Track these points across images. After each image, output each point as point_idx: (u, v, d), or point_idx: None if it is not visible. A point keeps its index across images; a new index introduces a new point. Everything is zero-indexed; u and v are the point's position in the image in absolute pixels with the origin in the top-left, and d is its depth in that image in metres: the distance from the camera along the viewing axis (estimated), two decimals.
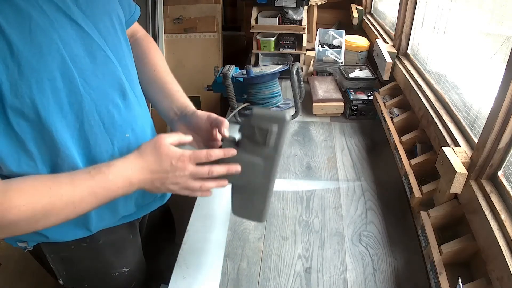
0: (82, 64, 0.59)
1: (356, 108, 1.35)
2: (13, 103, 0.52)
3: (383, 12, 1.74)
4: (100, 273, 0.82)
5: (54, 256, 0.77)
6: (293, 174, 1.10)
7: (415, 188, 0.87)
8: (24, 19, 0.51)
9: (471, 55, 0.91)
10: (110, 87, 0.65)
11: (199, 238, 0.88)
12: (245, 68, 1.30)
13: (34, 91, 0.53)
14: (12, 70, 0.50)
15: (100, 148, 0.66)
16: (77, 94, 0.59)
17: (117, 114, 0.67)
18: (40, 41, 0.53)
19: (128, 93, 0.69)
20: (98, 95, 0.63)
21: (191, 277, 0.78)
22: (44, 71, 0.54)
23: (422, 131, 1.03)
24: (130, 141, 0.71)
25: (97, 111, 0.63)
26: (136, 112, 0.72)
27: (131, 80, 0.72)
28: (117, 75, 0.66)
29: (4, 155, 0.56)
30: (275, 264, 0.82)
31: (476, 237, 0.68)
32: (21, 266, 1.58)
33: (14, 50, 0.50)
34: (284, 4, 1.70)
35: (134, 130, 0.72)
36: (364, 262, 0.82)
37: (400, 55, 1.32)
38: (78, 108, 0.60)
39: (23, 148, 0.57)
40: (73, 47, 0.58)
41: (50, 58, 0.54)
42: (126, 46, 0.72)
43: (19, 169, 0.58)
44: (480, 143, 0.71)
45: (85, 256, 0.78)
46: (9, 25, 0.49)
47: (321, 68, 1.61)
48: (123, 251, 0.84)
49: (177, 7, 2.09)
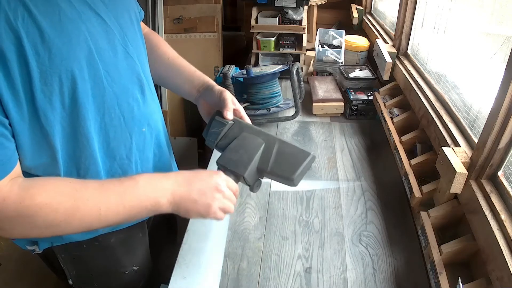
0: (106, 57, 0.60)
1: (356, 108, 1.35)
2: (42, 90, 0.52)
3: (383, 12, 1.74)
4: (110, 272, 0.83)
5: (65, 256, 0.77)
6: None
7: (415, 188, 0.87)
8: (54, 9, 0.52)
9: (471, 55, 0.91)
10: (130, 81, 0.67)
11: (199, 238, 0.88)
12: (245, 68, 1.30)
13: (63, 79, 0.54)
14: (42, 57, 0.51)
15: (119, 141, 0.67)
16: (100, 86, 0.60)
17: (136, 108, 0.68)
18: (69, 30, 0.54)
19: (146, 88, 0.71)
20: (120, 89, 0.64)
21: (191, 277, 0.78)
22: (73, 60, 0.54)
23: (422, 131, 1.03)
24: (146, 136, 0.73)
25: (118, 104, 0.64)
26: (152, 107, 0.74)
27: (147, 76, 0.74)
28: (136, 70, 0.68)
29: (27, 147, 0.56)
30: (275, 264, 0.82)
31: (476, 237, 0.68)
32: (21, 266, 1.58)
33: (45, 37, 0.51)
34: (284, 4, 1.70)
35: (150, 125, 0.74)
36: (364, 262, 0.82)
37: (400, 55, 1.32)
38: (100, 100, 0.61)
39: (47, 141, 0.57)
40: (99, 40, 0.59)
41: (79, 48, 0.55)
42: (142, 43, 0.74)
43: (39, 161, 0.58)
44: (480, 143, 0.71)
45: (96, 255, 0.78)
46: (40, 13, 0.50)
47: (321, 68, 1.61)
48: (133, 250, 0.85)
49: (177, 7, 2.09)
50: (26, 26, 0.49)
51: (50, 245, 0.74)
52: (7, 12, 0.47)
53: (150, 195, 0.59)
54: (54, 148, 0.58)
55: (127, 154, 0.69)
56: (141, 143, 0.72)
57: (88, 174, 0.64)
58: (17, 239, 0.74)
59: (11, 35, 0.48)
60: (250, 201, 0.99)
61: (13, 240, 0.74)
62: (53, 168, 0.60)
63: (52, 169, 0.60)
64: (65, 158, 0.61)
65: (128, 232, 0.81)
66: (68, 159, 0.61)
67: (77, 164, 0.63)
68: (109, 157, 0.67)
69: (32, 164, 0.58)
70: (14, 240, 0.74)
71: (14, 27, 0.48)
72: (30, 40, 0.49)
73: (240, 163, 0.67)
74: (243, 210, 0.96)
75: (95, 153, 0.63)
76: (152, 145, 0.77)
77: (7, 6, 0.47)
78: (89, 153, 0.62)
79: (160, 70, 0.84)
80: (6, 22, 0.47)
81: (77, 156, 0.62)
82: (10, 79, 0.49)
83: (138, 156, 0.72)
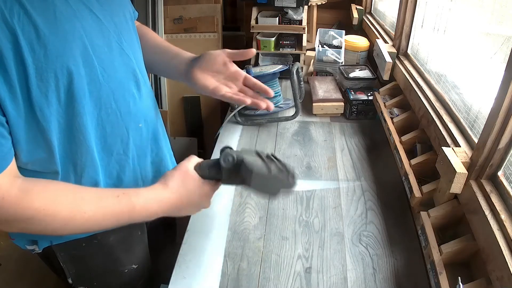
0: (101, 54, 0.61)
1: (356, 108, 1.35)
2: (38, 86, 0.53)
3: (383, 12, 1.74)
4: (110, 270, 0.83)
5: (65, 255, 0.77)
6: None
7: (415, 188, 0.87)
8: (49, 7, 0.53)
9: (471, 55, 0.91)
10: (125, 77, 0.68)
11: (199, 238, 0.88)
12: (245, 68, 1.30)
13: (58, 75, 0.54)
14: (38, 53, 0.51)
15: (116, 136, 0.68)
16: (96, 82, 0.61)
17: (132, 104, 0.69)
18: (65, 27, 0.54)
19: (141, 84, 0.72)
20: (116, 84, 0.65)
21: (191, 277, 0.78)
22: (69, 57, 0.55)
23: (422, 131, 1.03)
24: (143, 131, 0.74)
25: (114, 100, 0.65)
26: (148, 103, 0.75)
27: (143, 72, 0.75)
28: (131, 66, 0.69)
29: (23, 142, 0.56)
30: (275, 264, 0.82)
31: (476, 237, 0.68)
32: (21, 266, 1.58)
33: (41, 34, 0.51)
34: (284, 4, 1.70)
35: (147, 121, 0.75)
36: (364, 262, 0.82)
37: (400, 55, 1.32)
38: (96, 96, 0.62)
39: (43, 136, 0.58)
40: (94, 37, 0.60)
41: (74, 45, 0.56)
42: (137, 41, 0.75)
43: (36, 157, 0.59)
44: (480, 143, 0.71)
45: (95, 254, 0.79)
46: (35, 11, 0.51)
47: (321, 68, 1.61)
48: (132, 248, 0.85)
49: (177, 7, 2.09)
50: (22, 24, 0.49)
51: (50, 244, 0.74)
52: (3, 10, 0.48)
53: (145, 218, 0.64)
54: (51, 144, 0.59)
55: (124, 150, 0.70)
56: (138, 138, 0.73)
57: (85, 169, 0.65)
58: (17, 239, 0.74)
59: (7, 33, 0.48)
60: (250, 201, 0.99)
61: (13, 240, 0.74)
62: (50, 164, 0.61)
63: (49, 165, 0.61)
64: (62, 154, 0.61)
65: (127, 231, 0.81)
66: (65, 155, 0.62)
67: (74, 160, 0.63)
68: (106, 153, 0.68)
69: (29, 160, 0.59)
70: (14, 240, 0.74)
71: (10, 24, 0.48)
72: (26, 37, 0.50)
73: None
74: (243, 210, 0.96)
75: (92, 148, 0.64)
76: (149, 140, 0.78)
77: (3, 4, 0.48)
78: (85, 149, 0.63)
79: (148, 54, 0.83)
80: (2, 20, 0.48)
81: (73, 152, 0.63)
82: (7, 75, 0.50)
83: (136, 151, 0.73)
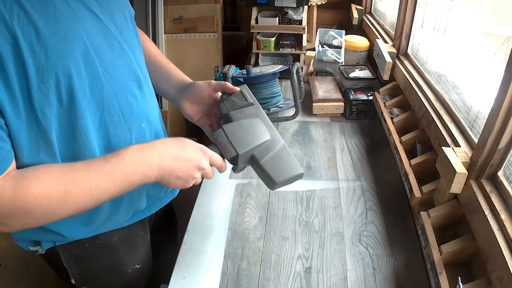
0: (102, 54, 0.61)
1: (356, 108, 1.35)
2: (39, 87, 0.53)
3: (383, 12, 1.74)
4: (113, 270, 0.83)
5: (68, 255, 0.77)
6: None
7: (415, 188, 0.87)
8: (49, 8, 0.53)
9: (471, 55, 0.91)
10: (127, 77, 0.67)
11: (199, 238, 0.88)
12: (245, 68, 1.30)
13: (59, 77, 0.54)
14: (39, 55, 0.51)
15: (119, 137, 0.67)
16: (98, 83, 0.60)
17: (135, 104, 0.69)
18: (65, 28, 0.54)
19: (143, 84, 0.71)
20: (118, 85, 0.64)
21: (191, 277, 0.79)
22: (69, 58, 0.55)
23: (422, 131, 1.03)
24: (145, 132, 0.74)
25: (116, 100, 0.65)
26: (150, 103, 0.75)
27: (144, 72, 0.74)
28: (132, 67, 0.68)
29: (24, 145, 0.56)
30: (275, 264, 0.82)
31: (476, 237, 0.68)
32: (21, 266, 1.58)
33: (41, 35, 0.51)
34: (284, 4, 1.70)
35: (149, 121, 0.74)
36: (364, 262, 0.82)
37: (400, 55, 1.32)
38: (99, 97, 0.61)
39: (44, 138, 0.57)
40: (95, 38, 0.59)
41: (75, 45, 0.55)
42: (137, 41, 0.74)
43: (37, 159, 0.58)
44: (480, 143, 0.71)
45: (98, 254, 0.79)
46: (35, 12, 0.50)
47: (321, 68, 1.61)
48: (135, 248, 0.85)
49: (177, 7, 2.09)
50: (22, 25, 0.49)
51: (53, 245, 0.74)
52: (2, 12, 0.48)
53: (138, 170, 0.60)
54: (52, 146, 0.58)
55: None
56: (141, 139, 0.72)
57: None
58: (19, 240, 0.74)
59: (7, 35, 0.48)
60: (250, 201, 0.99)
61: (15, 241, 0.74)
62: None
63: None
64: (63, 156, 0.61)
65: (129, 230, 0.81)
66: (67, 157, 0.61)
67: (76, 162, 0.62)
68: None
69: (30, 162, 0.58)
70: (16, 241, 0.74)
71: (10, 26, 0.48)
72: (26, 39, 0.50)
73: (241, 140, 0.68)
74: (243, 210, 0.96)
75: (95, 150, 0.63)
76: (152, 140, 0.77)
77: (3, 5, 0.48)
78: (88, 151, 0.63)
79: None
80: (2, 22, 0.48)
81: (76, 153, 0.62)
82: (6, 78, 0.49)
83: None
